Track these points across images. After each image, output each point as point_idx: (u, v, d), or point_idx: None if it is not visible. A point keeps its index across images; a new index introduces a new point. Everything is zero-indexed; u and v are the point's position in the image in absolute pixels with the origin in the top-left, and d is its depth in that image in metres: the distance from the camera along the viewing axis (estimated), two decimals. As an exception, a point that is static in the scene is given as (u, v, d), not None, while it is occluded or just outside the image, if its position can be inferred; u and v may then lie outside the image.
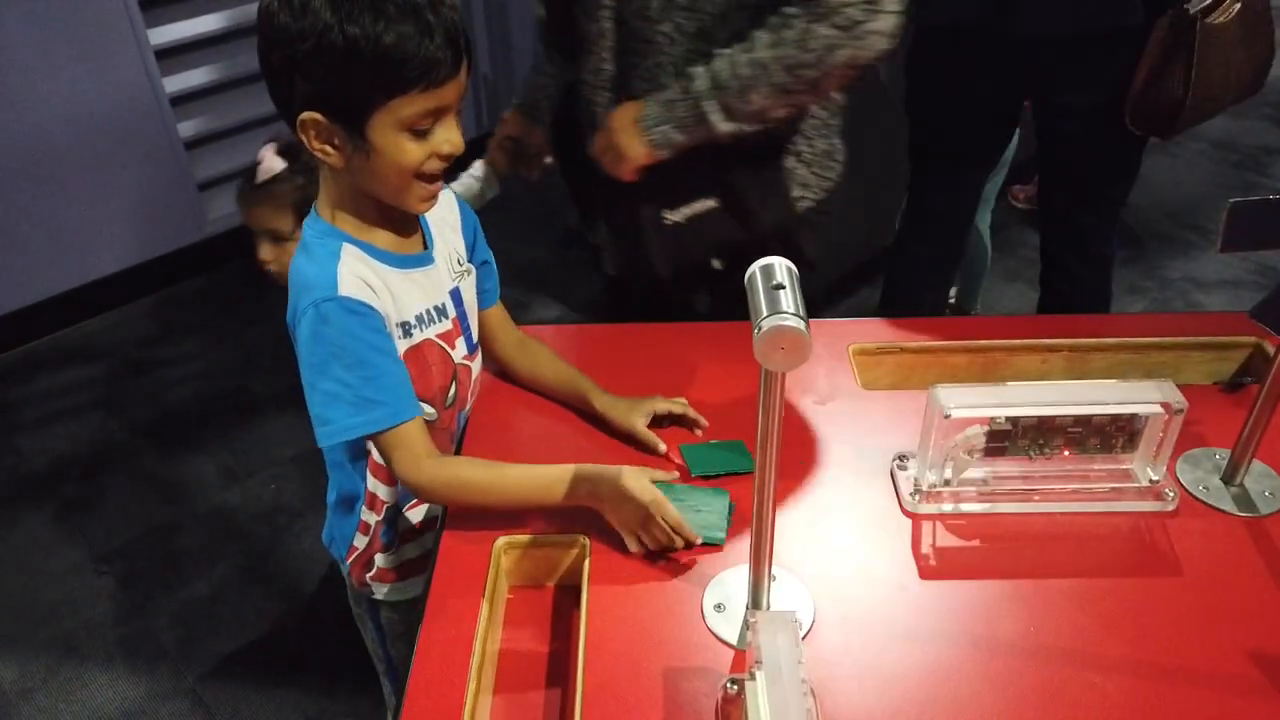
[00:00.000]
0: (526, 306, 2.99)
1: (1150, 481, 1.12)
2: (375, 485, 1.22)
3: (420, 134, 1.01)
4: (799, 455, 1.22)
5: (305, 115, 0.99)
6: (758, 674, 0.82)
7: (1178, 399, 1.06)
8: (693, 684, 0.95)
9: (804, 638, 0.99)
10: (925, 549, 1.09)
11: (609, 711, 0.93)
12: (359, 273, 1.07)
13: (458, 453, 1.24)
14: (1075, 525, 1.12)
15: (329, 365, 1.06)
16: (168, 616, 2.09)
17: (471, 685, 0.95)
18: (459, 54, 0.99)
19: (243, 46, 3.02)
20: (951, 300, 2.89)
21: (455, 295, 1.20)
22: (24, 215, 2.74)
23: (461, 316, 1.21)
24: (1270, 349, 1.33)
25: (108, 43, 2.70)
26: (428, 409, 1.17)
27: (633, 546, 1.09)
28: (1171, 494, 1.12)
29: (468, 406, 1.29)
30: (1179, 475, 1.16)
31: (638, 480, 1.06)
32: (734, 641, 0.99)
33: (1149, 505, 1.12)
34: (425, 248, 1.16)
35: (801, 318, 0.78)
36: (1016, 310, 2.99)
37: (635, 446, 1.24)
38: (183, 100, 2.95)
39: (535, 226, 3.22)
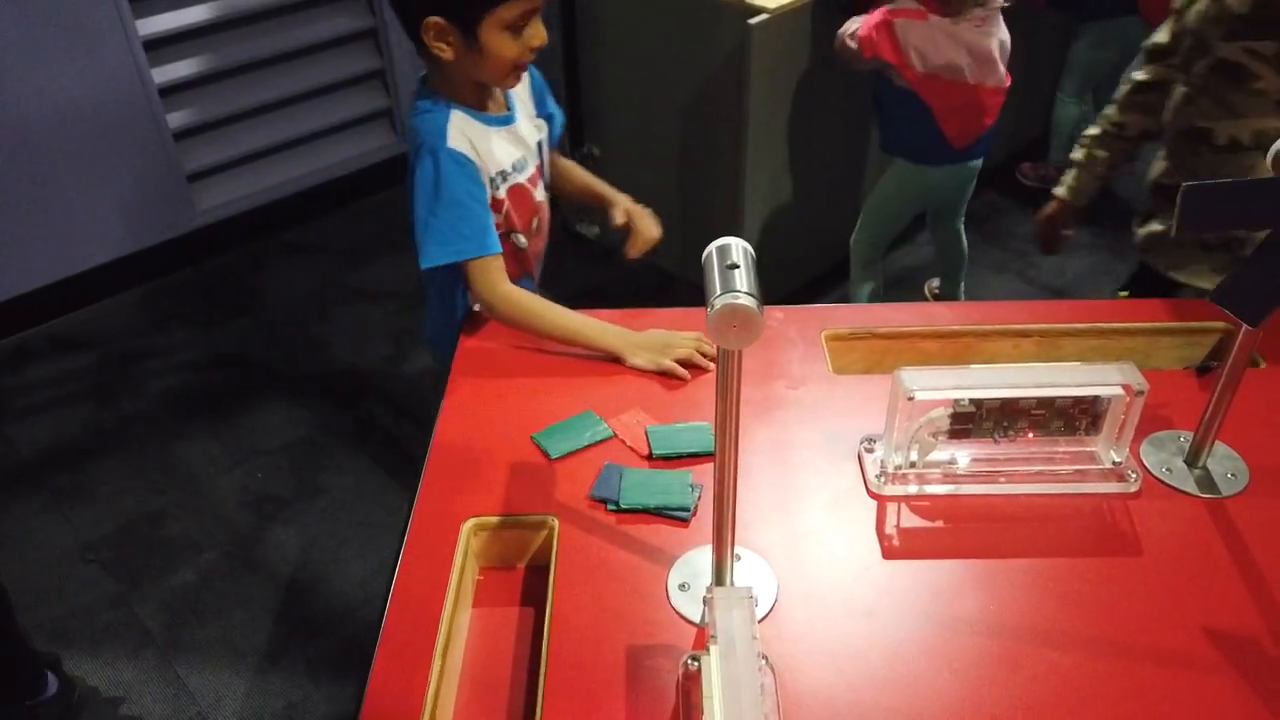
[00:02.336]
0: (515, 297, 3.00)
1: (1113, 463, 1.13)
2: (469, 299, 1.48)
3: (517, 31, 1.30)
4: (769, 438, 1.23)
5: (428, 19, 1.28)
6: (712, 648, 0.83)
7: (1138, 381, 1.07)
8: (655, 661, 0.96)
9: (767, 616, 1.01)
10: (889, 529, 1.10)
11: (572, 688, 0.94)
12: (464, 130, 1.36)
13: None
14: (1038, 507, 1.13)
15: (433, 203, 1.35)
16: (154, 604, 2.10)
17: (436, 665, 0.96)
18: None
19: (232, 37, 3.02)
20: (934, 290, 2.90)
21: (539, 146, 1.51)
22: (13, 206, 2.75)
23: (542, 164, 1.53)
24: (1238, 334, 1.35)
25: (96, 33, 2.71)
26: (521, 239, 1.51)
27: (665, 364, 1.31)
28: (1134, 475, 1.13)
29: (545, 236, 1.60)
30: (1143, 457, 1.17)
31: (651, 331, 1.35)
32: (697, 619, 1.00)
33: (1112, 487, 1.13)
34: (508, 110, 1.45)
35: (754, 296, 0.78)
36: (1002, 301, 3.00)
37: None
38: (171, 91, 2.95)
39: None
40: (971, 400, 1.10)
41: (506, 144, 1.44)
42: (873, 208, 2.56)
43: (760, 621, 0.99)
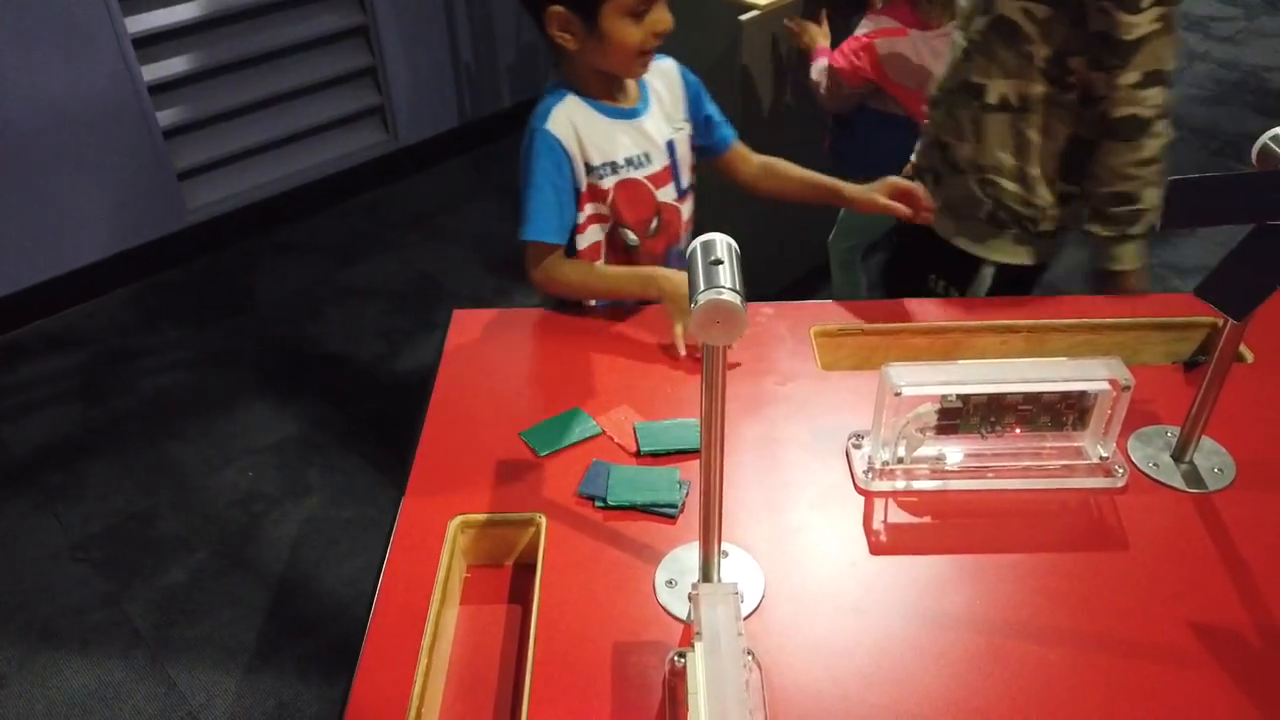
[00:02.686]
0: (508, 294, 3.00)
1: (1100, 458, 1.13)
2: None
3: (639, 17, 1.30)
4: (757, 435, 1.23)
5: (552, 9, 1.31)
6: (697, 645, 0.83)
7: (1125, 376, 1.07)
8: (642, 657, 0.96)
9: (754, 612, 1.01)
10: (876, 525, 1.10)
11: (559, 685, 0.94)
12: (572, 116, 1.39)
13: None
14: (1025, 502, 1.13)
15: (524, 181, 1.40)
16: (144, 603, 2.09)
17: (422, 663, 0.96)
18: None
19: (222, 34, 3.01)
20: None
21: (670, 146, 1.48)
22: (2, 204, 2.73)
23: (674, 164, 1.49)
24: (1225, 328, 1.35)
25: (85, 31, 2.69)
26: (630, 235, 1.48)
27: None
28: (1121, 470, 1.14)
29: (681, 243, 1.54)
30: (1130, 452, 1.17)
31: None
32: (684, 616, 1.00)
33: (1099, 482, 1.14)
34: (639, 104, 1.45)
35: (738, 292, 0.78)
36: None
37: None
38: (161, 89, 2.94)
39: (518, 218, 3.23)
40: (959, 396, 1.10)
41: (626, 137, 1.43)
42: (843, 217, 2.57)
43: (747, 618, 1.00)
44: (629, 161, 1.44)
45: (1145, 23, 1.32)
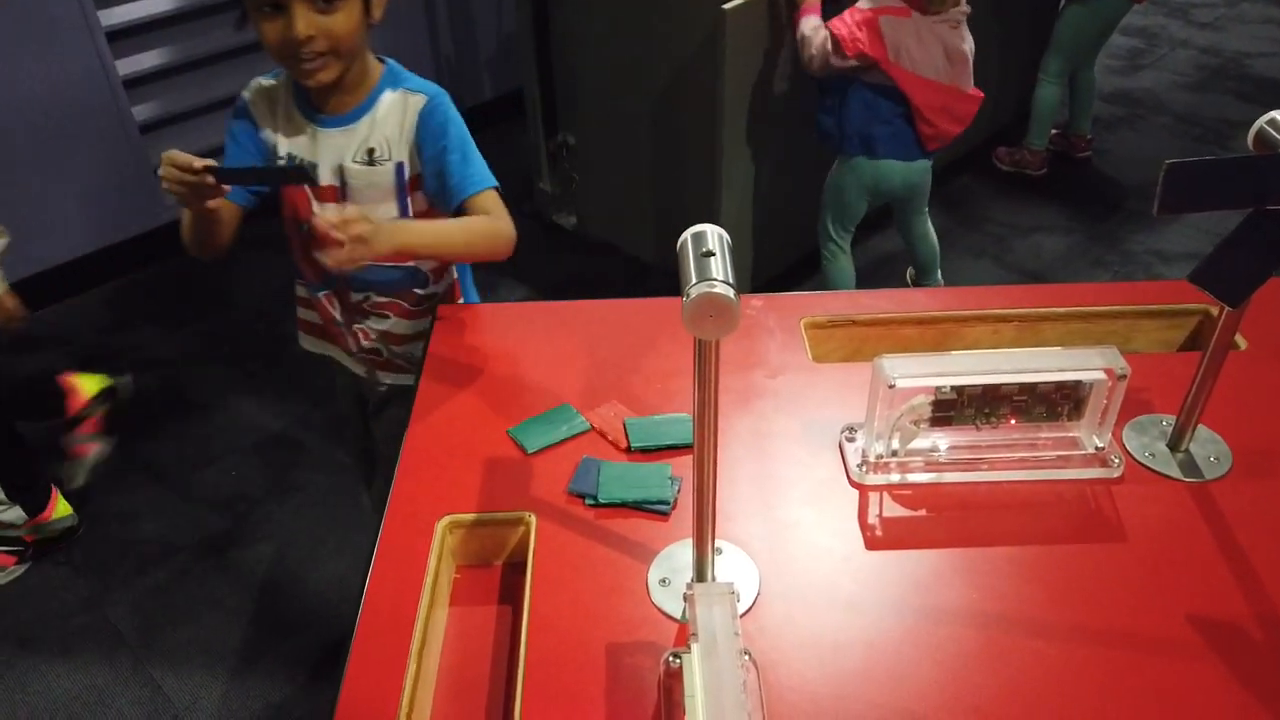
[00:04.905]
0: (494, 287, 2.97)
1: (1096, 448, 1.12)
2: None
3: (269, 15, 1.23)
4: (748, 429, 1.21)
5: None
6: (694, 646, 0.81)
7: (1121, 365, 1.06)
8: (636, 658, 0.95)
9: (749, 610, 0.99)
10: (871, 519, 1.09)
11: (552, 687, 0.92)
12: (260, 94, 1.41)
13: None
14: (1021, 494, 1.12)
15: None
16: (127, 606, 2.06)
17: (411, 667, 0.94)
18: None
19: (197, 28, 2.96)
20: (909, 282, 2.90)
21: (337, 174, 1.37)
22: (-26, 202, 2.69)
23: (342, 191, 1.38)
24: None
25: (57, 25, 2.64)
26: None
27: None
28: (1117, 460, 1.12)
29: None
30: (1125, 442, 1.16)
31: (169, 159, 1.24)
32: (678, 616, 0.98)
33: (1095, 472, 1.12)
34: (346, 117, 1.36)
35: (731, 285, 0.76)
36: (979, 285, 3.00)
37: None
38: (136, 83, 2.90)
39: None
40: (953, 387, 1.08)
41: (303, 137, 1.38)
42: (827, 200, 2.57)
43: (742, 616, 0.98)
44: (286, 159, 1.39)
45: None
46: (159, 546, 2.19)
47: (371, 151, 1.37)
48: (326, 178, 1.38)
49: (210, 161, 1.22)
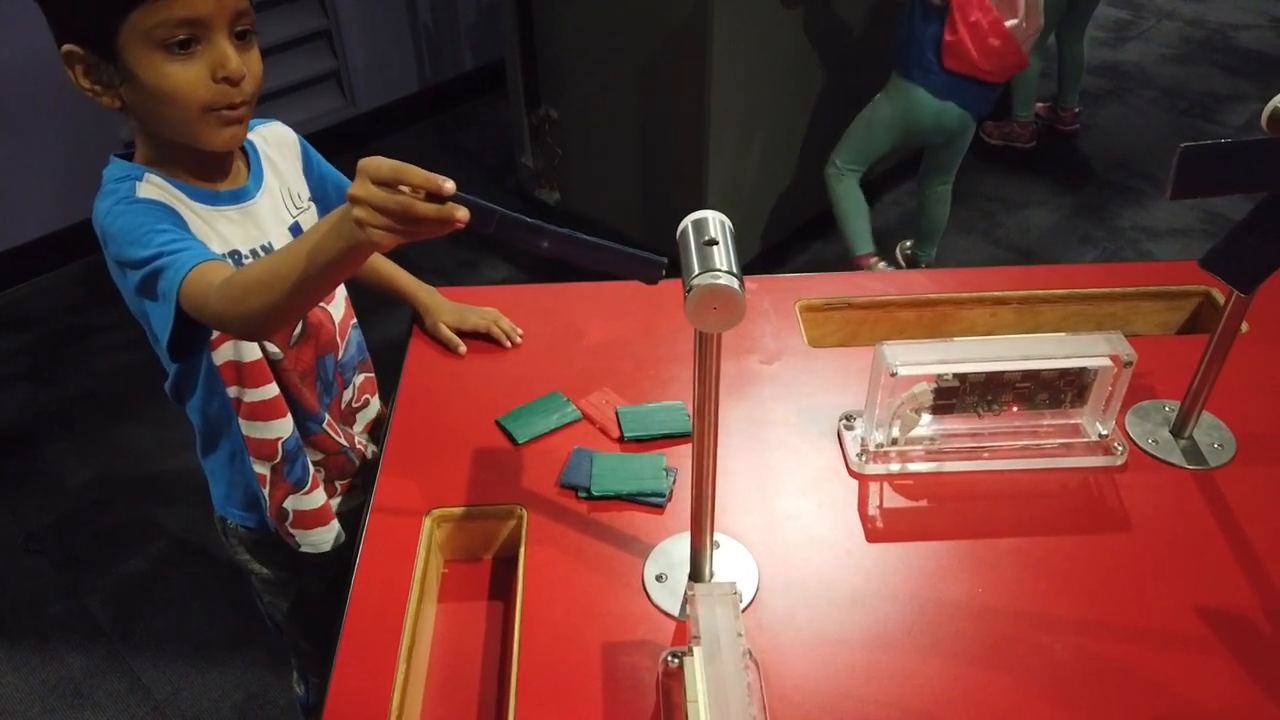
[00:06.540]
0: (475, 266, 2.92)
1: (1099, 436, 1.10)
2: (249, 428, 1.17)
3: (181, 54, 0.91)
4: (744, 416, 1.18)
5: (65, 49, 0.91)
6: (695, 649, 0.78)
7: (1127, 351, 1.04)
8: (633, 657, 0.92)
9: (748, 605, 0.96)
10: (872, 511, 1.06)
11: (546, 686, 0.89)
12: (163, 197, 0.99)
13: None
14: (1024, 483, 1.09)
15: (120, 249, 1.01)
16: (103, 594, 2.02)
17: (401, 667, 0.91)
18: None
19: (167, -3, 2.88)
20: (906, 251, 2.87)
21: (295, 231, 1.11)
22: (-62, 178, 2.61)
23: None
24: (1220, 298, 1.32)
25: (20, -6, 2.55)
26: (272, 348, 1.11)
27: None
28: (1120, 448, 1.10)
29: (340, 351, 1.20)
30: (1128, 429, 1.14)
31: (367, 169, 0.82)
32: (675, 613, 0.95)
33: (1098, 460, 1.10)
34: (251, 181, 1.08)
35: (735, 275, 0.73)
36: (969, 263, 2.97)
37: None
38: (105, 55, 2.81)
39: (485, 186, 3.14)
40: (955, 374, 1.05)
41: (234, 228, 1.06)
42: (852, 130, 2.53)
43: (743, 612, 0.95)
44: (251, 255, 1.07)
45: None
46: (136, 533, 2.14)
47: (296, 199, 1.14)
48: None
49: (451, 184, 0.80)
